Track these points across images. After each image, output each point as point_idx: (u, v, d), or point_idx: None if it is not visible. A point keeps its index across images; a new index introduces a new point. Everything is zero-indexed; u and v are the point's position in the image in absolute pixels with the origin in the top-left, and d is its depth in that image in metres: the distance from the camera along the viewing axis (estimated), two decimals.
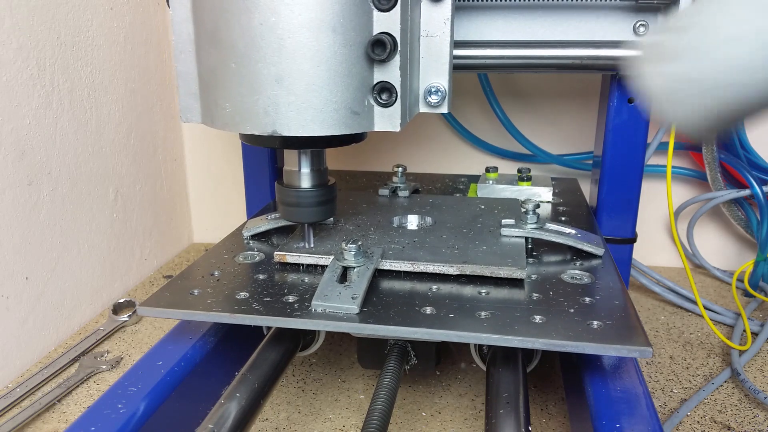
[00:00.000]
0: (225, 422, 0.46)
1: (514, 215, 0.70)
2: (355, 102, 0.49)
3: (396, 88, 0.50)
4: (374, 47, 0.48)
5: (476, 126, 1.06)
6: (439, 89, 0.56)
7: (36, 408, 0.66)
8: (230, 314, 0.52)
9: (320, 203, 0.59)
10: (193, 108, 0.53)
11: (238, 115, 0.49)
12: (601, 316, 0.51)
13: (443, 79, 0.56)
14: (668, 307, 0.92)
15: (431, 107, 0.57)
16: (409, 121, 0.54)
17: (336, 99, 0.48)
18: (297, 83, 0.47)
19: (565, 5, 0.73)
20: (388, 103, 0.50)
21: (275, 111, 0.48)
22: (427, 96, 0.56)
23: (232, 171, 1.14)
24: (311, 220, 0.60)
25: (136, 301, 0.89)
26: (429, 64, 0.56)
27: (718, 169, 0.93)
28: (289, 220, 0.62)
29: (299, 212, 0.59)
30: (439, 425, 0.64)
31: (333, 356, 0.77)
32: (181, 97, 0.53)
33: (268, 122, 0.48)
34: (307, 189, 0.58)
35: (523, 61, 0.73)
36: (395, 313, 0.52)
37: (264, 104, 0.48)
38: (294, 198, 0.59)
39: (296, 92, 0.47)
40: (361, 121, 0.50)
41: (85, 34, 0.85)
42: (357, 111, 0.50)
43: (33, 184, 0.76)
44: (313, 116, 0.48)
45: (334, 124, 0.49)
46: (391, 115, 0.51)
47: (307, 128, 0.48)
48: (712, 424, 0.64)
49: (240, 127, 0.49)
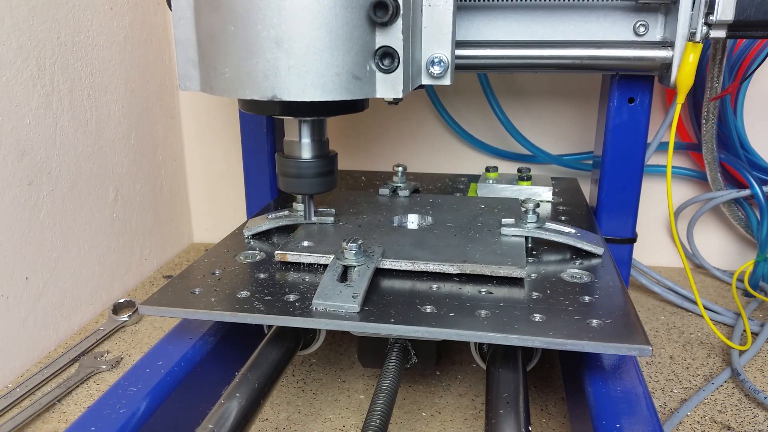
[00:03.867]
0: (225, 422, 0.46)
1: (514, 215, 0.70)
2: (356, 67, 0.48)
3: (398, 53, 0.49)
4: (376, 9, 0.47)
5: (476, 126, 1.06)
6: (441, 60, 0.55)
7: (36, 408, 0.66)
8: (231, 313, 0.52)
9: (321, 174, 0.58)
10: (191, 75, 0.52)
11: (238, 80, 0.48)
12: (600, 315, 0.51)
13: (446, 49, 0.55)
14: (668, 307, 0.92)
15: (433, 78, 0.56)
16: (411, 90, 0.53)
17: (337, 63, 0.47)
18: (297, 46, 0.46)
19: (565, 5, 0.73)
20: (390, 68, 0.49)
21: (275, 75, 0.47)
22: (430, 67, 0.55)
23: (232, 171, 1.14)
24: (312, 192, 0.59)
25: (136, 301, 0.89)
26: (431, 35, 0.55)
27: (718, 169, 0.93)
28: (289, 191, 0.60)
29: (300, 183, 0.58)
30: (439, 425, 0.64)
31: (333, 356, 0.77)
32: (180, 64, 0.52)
33: (267, 86, 0.47)
34: (307, 159, 0.57)
35: (523, 61, 0.73)
36: (396, 312, 0.52)
37: (263, 68, 0.47)
38: (295, 169, 0.57)
39: (296, 55, 0.46)
40: (362, 87, 0.49)
41: (85, 34, 0.85)
42: (358, 76, 0.48)
43: (33, 184, 0.76)
44: (314, 80, 0.47)
45: (335, 88, 0.48)
46: (394, 81, 0.50)
47: (308, 93, 0.47)
48: (712, 424, 0.64)
49: (239, 92, 0.48)
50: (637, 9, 0.72)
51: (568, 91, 1.02)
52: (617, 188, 0.80)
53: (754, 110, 0.96)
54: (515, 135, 1.01)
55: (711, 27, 0.64)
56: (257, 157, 0.89)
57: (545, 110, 1.04)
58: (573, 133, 1.04)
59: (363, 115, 1.09)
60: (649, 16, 0.72)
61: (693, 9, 0.65)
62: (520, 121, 1.03)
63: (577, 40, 0.73)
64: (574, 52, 0.72)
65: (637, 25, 0.72)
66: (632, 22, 0.72)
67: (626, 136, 0.78)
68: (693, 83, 0.67)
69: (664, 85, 0.71)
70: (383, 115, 1.09)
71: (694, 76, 0.66)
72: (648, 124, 0.77)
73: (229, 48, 0.47)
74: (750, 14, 0.62)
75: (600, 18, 0.73)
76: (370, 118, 1.10)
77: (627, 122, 0.77)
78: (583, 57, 0.72)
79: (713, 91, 0.82)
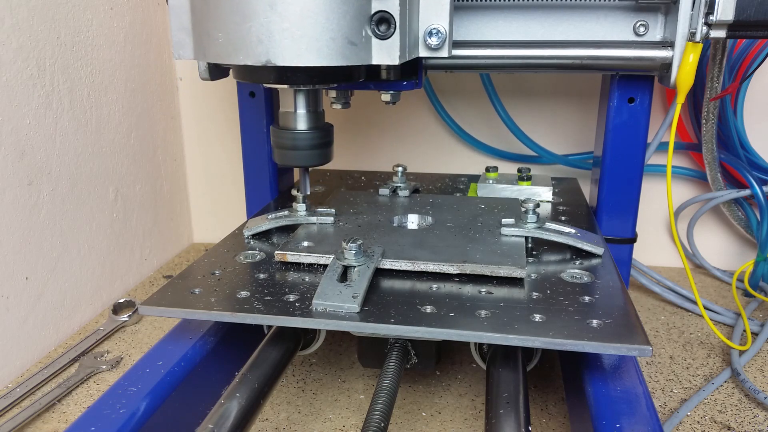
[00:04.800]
0: (225, 422, 0.46)
1: (514, 215, 0.70)
2: (352, 32, 0.47)
3: (395, 19, 0.48)
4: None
5: (475, 126, 1.06)
6: (439, 31, 0.54)
7: (36, 408, 0.66)
8: (231, 313, 0.52)
9: (317, 146, 0.57)
10: (185, 43, 0.51)
11: (231, 45, 0.47)
12: (600, 315, 0.51)
13: (443, 20, 0.54)
14: (668, 307, 0.92)
15: (431, 50, 0.55)
16: (408, 59, 0.52)
17: (332, 27, 0.47)
18: (291, 9, 0.45)
19: (565, 5, 0.73)
20: (386, 34, 0.48)
21: (269, 39, 0.46)
22: (427, 38, 0.55)
23: (232, 171, 1.14)
24: (308, 164, 0.58)
25: (136, 301, 0.89)
26: (429, 5, 0.54)
27: (718, 169, 0.93)
28: (284, 164, 0.59)
29: (295, 155, 0.57)
30: (439, 425, 0.64)
31: (333, 356, 0.77)
32: (174, 32, 0.51)
33: (261, 51, 0.47)
34: (303, 131, 0.56)
35: (523, 61, 0.73)
36: (396, 312, 0.52)
37: (257, 32, 0.46)
38: (290, 140, 0.56)
39: (290, 19, 0.46)
40: (358, 53, 0.48)
41: (85, 34, 0.85)
42: (354, 41, 0.48)
43: (33, 184, 0.76)
44: (309, 45, 0.46)
45: (330, 54, 0.47)
46: (390, 47, 0.49)
47: (303, 58, 0.47)
48: (712, 424, 0.64)
49: (232, 57, 0.47)
50: (637, 9, 0.72)
51: (569, 91, 1.02)
52: (617, 188, 0.80)
53: (754, 110, 0.96)
54: (519, 135, 1.01)
55: (711, 27, 0.64)
56: (257, 157, 0.89)
57: (546, 110, 1.04)
58: (575, 132, 1.04)
59: (363, 115, 1.10)
60: (649, 16, 0.72)
61: (693, 9, 0.65)
62: (521, 121, 1.03)
63: (577, 40, 0.73)
64: (574, 52, 0.72)
65: (637, 25, 0.72)
66: (632, 22, 0.72)
67: (626, 136, 0.78)
68: (693, 83, 0.67)
69: (664, 85, 0.71)
70: (383, 115, 1.09)
71: (694, 76, 0.66)
72: (648, 124, 0.77)
73: (223, 12, 0.47)
74: (750, 14, 0.62)
75: (600, 18, 0.73)
76: (371, 118, 1.10)
77: (627, 122, 0.77)
78: (583, 57, 0.72)
79: (713, 91, 0.82)
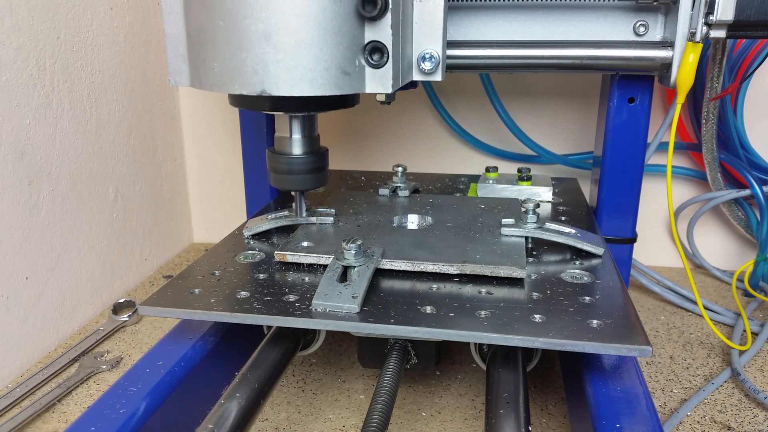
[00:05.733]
0: (225, 422, 0.46)
1: (514, 215, 0.70)
2: (345, 61, 0.48)
3: (387, 48, 0.48)
4: (365, 3, 0.47)
5: (475, 126, 1.06)
6: (432, 56, 0.55)
7: (36, 408, 0.66)
8: (231, 313, 0.52)
9: (312, 170, 0.58)
10: (181, 70, 0.52)
11: (227, 75, 0.48)
12: (600, 316, 0.51)
13: (437, 45, 0.55)
14: (668, 307, 0.92)
15: (424, 74, 0.56)
16: (401, 86, 0.53)
17: (326, 57, 0.47)
18: (285, 40, 0.46)
19: (565, 5, 0.73)
20: (380, 63, 0.49)
21: (264, 69, 0.47)
22: (420, 63, 0.55)
23: (232, 171, 1.14)
24: (303, 188, 0.59)
25: (136, 301, 0.89)
26: (422, 30, 0.54)
27: (718, 169, 0.93)
28: (280, 188, 0.60)
29: (291, 180, 0.58)
30: (439, 425, 0.64)
31: (333, 356, 0.77)
32: (170, 59, 0.51)
33: (256, 81, 0.47)
34: (299, 156, 0.57)
35: (523, 61, 0.73)
36: (395, 313, 0.52)
37: (252, 62, 0.47)
38: (286, 165, 0.57)
39: (285, 50, 0.46)
40: (351, 82, 0.49)
41: (85, 34, 0.85)
42: (348, 71, 0.48)
43: (33, 184, 0.76)
44: (303, 75, 0.47)
45: (324, 83, 0.48)
46: (383, 77, 0.49)
47: (297, 88, 0.47)
48: (712, 424, 0.64)
49: (228, 87, 0.48)
50: (637, 9, 0.72)
51: (570, 91, 1.02)
52: (617, 188, 0.80)
53: (754, 110, 0.96)
54: (518, 135, 1.01)
55: (711, 27, 0.64)
56: (257, 157, 0.89)
57: (545, 110, 1.04)
58: (575, 132, 1.04)
59: (363, 115, 1.09)
60: (649, 16, 0.72)
61: (693, 9, 0.65)
62: (521, 121, 1.03)
63: (577, 40, 0.73)
64: (574, 52, 0.72)
65: (637, 25, 0.72)
66: (632, 22, 0.72)
67: (626, 136, 0.78)
68: (693, 83, 0.67)
69: (664, 85, 0.71)
70: (383, 116, 1.09)
71: (694, 76, 0.66)
72: (648, 124, 0.77)
73: (218, 42, 0.47)
74: (750, 14, 0.62)
75: (600, 18, 0.73)
76: (370, 118, 1.10)
77: (627, 122, 0.77)
78: (583, 57, 0.71)
79: (713, 91, 0.82)
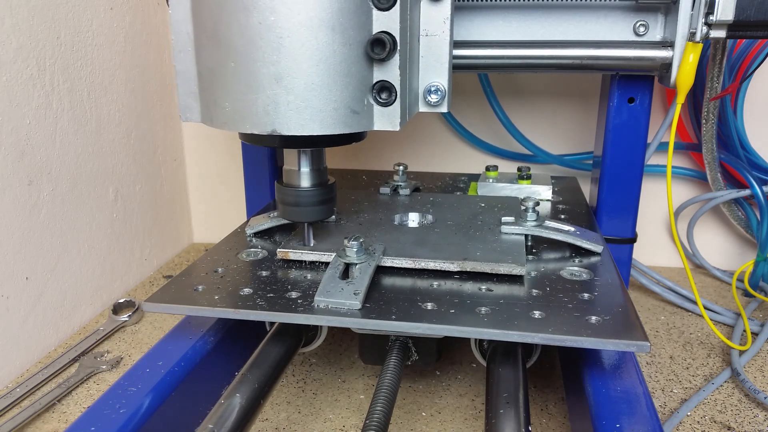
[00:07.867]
0: (225, 422, 0.46)
1: (514, 213, 0.70)
2: (354, 101, 0.49)
3: (395, 88, 0.50)
4: (374, 46, 0.48)
5: (476, 126, 1.06)
6: (438, 88, 0.56)
7: (36, 408, 0.66)
8: (234, 309, 0.53)
9: (320, 202, 0.59)
10: (192, 107, 0.53)
11: (238, 115, 0.49)
12: (599, 312, 0.51)
13: (443, 78, 0.56)
14: (668, 307, 0.92)
15: (431, 106, 0.57)
16: (408, 120, 0.54)
17: (335, 98, 0.48)
18: (296, 82, 0.47)
19: (565, 5, 0.73)
20: (388, 102, 0.50)
21: (275, 110, 0.48)
22: (427, 95, 0.56)
23: (232, 171, 1.14)
24: (311, 220, 0.60)
25: (136, 301, 0.89)
26: (429, 64, 0.56)
27: (718, 169, 0.93)
28: (288, 219, 0.61)
29: (299, 212, 0.59)
30: (439, 425, 0.64)
31: (333, 356, 0.77)
32: (181, 96, 0.53)
33: (267, 121, 0.48)
34: (306, 188, 0.58)
35: (523, 61, 0.73)
36: (397, 309, 0.52)
37: (263, 103, 0.48)
38: (293, 197, 0.58)
39: (295, 91, 0.47)
40: (360, 121, 0.50)
41: (85, 34, 0.85)
42: (356, 110, 0.50)
43: (33, 184, 0.76)
44: (313, 115, 0.48)
45: (333, 123, 0.49)
46: (391, 115, 0.51)
47: (307, 128, 0.48)
48: (712, 424, 0.64)
49: (239, 126, 0.49)
50: (637, 9, 0.72)
51: (568, 91, 1.02)
52: (617, 188, 0.80)
53: (754, 110, 0.96)
54: (515, 135, 1.01)
55: (711, 27, 0.64)
56: (257, 157, 0.89)
57: (545, 110, 1.04)
58: (574, 132, 1.04)
59: None
60: (649, 16, 0.72)
61: (693, 9, 0.65)
62: (521, 120, 1.03)
63: (577, 40, 0.73)
64: (574, 52, 0.72)
65: (637, 25, 0.72)
66: (632, 22, 0.72)
67: (626, 136, 0.78)
68: (693, 83, 0.67)
69: (664, 85, 0.71)
70: None
71: (694, 76, 0.67)
72: (648, 124, 0.77)
73: (230, 83, 0.48)
74: (750, 14, 0.62)
75: (600, 18, 0.73)
76: None
77: (627, 122, 0.77)
78: (583, 57, 0.72)
79: (713, 91, 0.82)
